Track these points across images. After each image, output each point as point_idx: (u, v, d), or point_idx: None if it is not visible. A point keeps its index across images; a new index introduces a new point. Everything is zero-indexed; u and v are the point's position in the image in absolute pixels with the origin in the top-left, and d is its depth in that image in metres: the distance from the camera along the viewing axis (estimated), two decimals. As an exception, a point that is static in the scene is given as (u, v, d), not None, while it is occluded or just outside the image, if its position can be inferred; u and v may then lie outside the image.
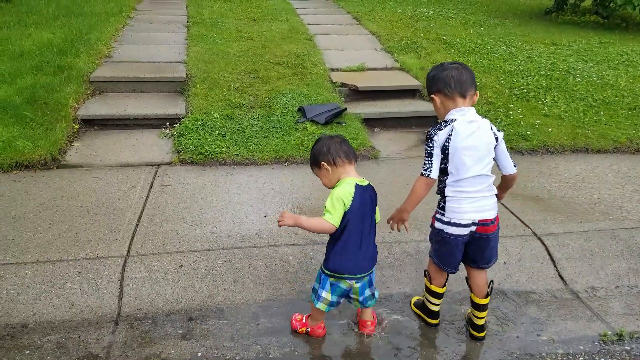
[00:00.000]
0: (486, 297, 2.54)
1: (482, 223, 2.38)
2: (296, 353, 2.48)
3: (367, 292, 2.47)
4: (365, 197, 2.32)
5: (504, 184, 2.55)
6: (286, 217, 2.24)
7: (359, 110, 5.19)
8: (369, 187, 2.37)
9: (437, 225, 2.44)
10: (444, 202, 2.38)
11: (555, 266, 3.19)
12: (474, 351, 2.57)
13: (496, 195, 2.45)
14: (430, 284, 2.63)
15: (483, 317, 2.59)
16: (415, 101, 5.57)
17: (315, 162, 2.38)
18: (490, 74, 6.11)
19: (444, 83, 2.33)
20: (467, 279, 2.62)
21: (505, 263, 3.15)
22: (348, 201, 2.25)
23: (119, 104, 5.00)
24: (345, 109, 5.06)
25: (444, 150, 2.29)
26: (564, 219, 3.56)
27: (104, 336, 2.52)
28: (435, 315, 2.69)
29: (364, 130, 4.85)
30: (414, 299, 2.87)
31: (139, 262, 2.92)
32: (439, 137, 2.29)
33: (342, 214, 2.25)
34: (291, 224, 2.24)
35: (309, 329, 2.59)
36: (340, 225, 2.27)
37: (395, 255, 3.14)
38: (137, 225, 3.26)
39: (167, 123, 4.80)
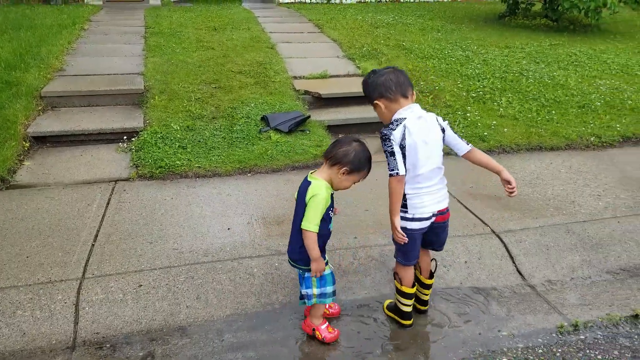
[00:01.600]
0: (431, 277, 2.77)
1: (439, 213, 2.52)
2: (262, 366, 2.46)
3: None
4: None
5: (482, 162, 2.54)
6: None
7: (323, 118, 5.22)
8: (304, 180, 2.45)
9: (402, 223, 2.47)
10: (405, 200, 2.44)
11: (513, 262, 3.27)
12: (438, 351, 2.61)
13: (506, 182, 2.52)
14: (401, 285, 2.67)
15: (428, 294, 2.82)
16: (375, 106, 5.63)
17: None
18: (448, 78, 6.24)
19: (385, 87, 2.41)
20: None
21: (466, 262, 3.22)
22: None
23: (73, 119, 4.87)
24: (309, 116, 5.08)
25: (402, 148, 2.35)
26: (521, 215, 3.66)
27: (59, 364, 2.43)
28: (408, 316, 2.74)
29: (328, 137, 4.87)
30: (387, 302, 2.90)
31: (95, 284, 2.83)
32: (395, 136, 2.34)
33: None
34: None
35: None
36: None
37: (360, 260, 3.16)
38: (93, 245, 3.17)
39: (125, 137, 4.70)
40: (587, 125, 5.22)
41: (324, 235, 2.44)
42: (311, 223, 2.34)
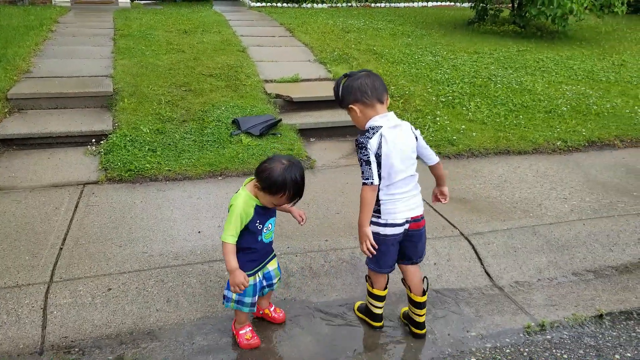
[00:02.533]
0: (423, 294, 2.65)
1: (413, 220, 2.51)
2: (233, 369, 2.45)
3: None
4: None
5: (437, 175, 2.64)
6: None
7: (294, 121, 5.22)
8: None
9: (373, 228, 2.47)
10: (379, 206, 2.44)
11: (482, 264, 3.33)
12: (408, 352, 2.64)
13: (441, 194, 2.67)
14: (373, 288, 2.68)
15: (423, 315, 2.70)
16: (347, 110, 5.67)
17: None
18: (418, 83, 6.33)
19: (361, 92, 2.38)
20: (403, 280, 2.71)
21: (435, 264, 3.26)
22: None
23: (40, 122, 4.77)
24: (280, 120, 5.08)
25: (377, 157, 2.35)
26: (489, 218, 3.73)
27: (26, 369, 2.38)
28: (379, 318, 2.75)
29: (299, 140, 4.88)
30: (357, 304, 2.91)
31: (63, 287, 2.78)
32: (372, 144, 2.34)
33: None
34: None
35: None
36: None
37: (331, 262, 3.17)
38: (61, 249, 3.11)
39: (93, 140, 4.62)
40: (553, 129, 5.37)
41: (255, 248, 2.40)
42: (225, 233, 2.29)
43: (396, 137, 2.38)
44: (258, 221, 2.36)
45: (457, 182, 4.30)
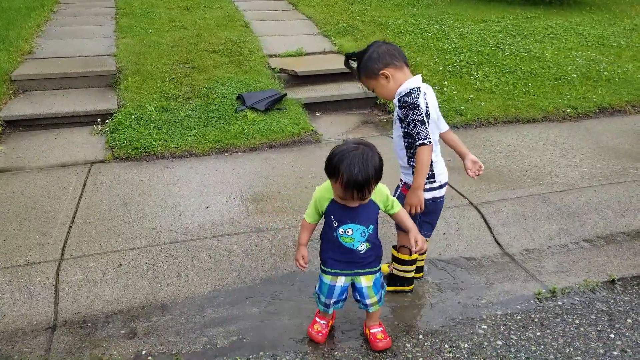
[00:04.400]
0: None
1: (446, 183, 2.56)
2: (244, 341, 2.46)
3: None
4: None
5: (455, 142, 2.60)
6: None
7: (299, 95, 5.17)
8: None
9: (430, 194, 2.44)
10: (432, 170, 2.41)
11: (491, 232, 3.31)
12: (418, 320, 2.64)
13: (473, 163, 2.54)
14: (398, 253, 2.69)
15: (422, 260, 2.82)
16: (354, 83, 5.59)
17: None
18: (425, 53, 6.23)
19: (390, 55, 2.34)
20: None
21: (444, 233, 3.25)
22: None
23: (45, 103, 4.76)
24: (285, 94, 5.03)
25: (427, 116, 2.32)
26: (498, 187, 3.70)
27: (40, 344, 2.41)
28: (411, 281, 2.77)
29: (305, 115, 4.84)
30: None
31: (74, 264, 2.80)
32: (422, 104, 2.29)
33: None
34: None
35: None
36: None
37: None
38: (70, 227, 3.13)
39: (99, 119, 4.61)
40: (563, 97, 5.27)
41: (332, 243, 2.22)
42: (306, 211, 2.30)
43: (431, 97, 2.39)
44: (332, 216, 2.17)
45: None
